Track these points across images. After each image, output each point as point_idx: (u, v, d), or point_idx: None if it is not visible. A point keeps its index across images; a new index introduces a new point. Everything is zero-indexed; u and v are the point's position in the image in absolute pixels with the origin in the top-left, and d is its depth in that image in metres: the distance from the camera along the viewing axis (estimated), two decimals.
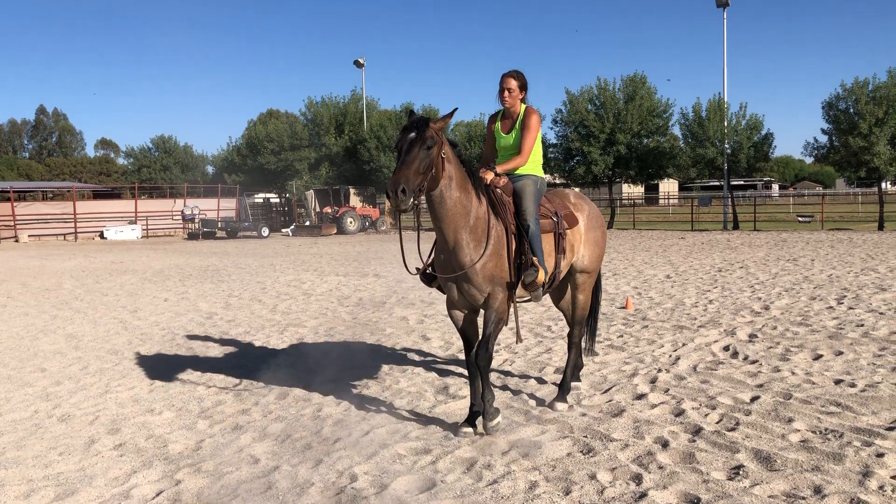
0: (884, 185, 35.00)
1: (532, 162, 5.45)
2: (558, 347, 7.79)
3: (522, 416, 5.48)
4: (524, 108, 5.45)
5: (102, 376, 7.11)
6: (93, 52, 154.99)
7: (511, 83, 5.37)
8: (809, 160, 43.83)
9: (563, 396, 5.77)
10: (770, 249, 20.55)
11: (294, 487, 4.29)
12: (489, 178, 5.10)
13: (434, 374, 6.88)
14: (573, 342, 6.07)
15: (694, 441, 4.83)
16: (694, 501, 3.93)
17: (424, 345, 8.21)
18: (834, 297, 10.80)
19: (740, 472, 4.27)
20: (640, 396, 5.91)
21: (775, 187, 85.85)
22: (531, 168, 5.46)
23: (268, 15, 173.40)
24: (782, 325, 8.73)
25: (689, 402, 5.68)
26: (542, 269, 5.12)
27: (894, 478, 4.14)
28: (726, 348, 7.61)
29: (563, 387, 5.85)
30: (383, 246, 27.02)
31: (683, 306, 10.45)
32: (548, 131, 39.01)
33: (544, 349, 7.78)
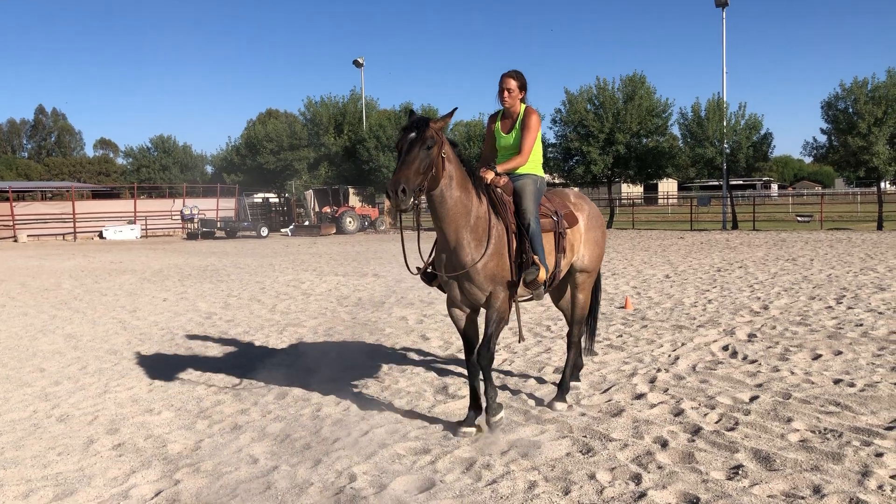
0: (883, 184, 35.01)
1: (532, 161, 5.46)
2: (557, 347, 7.79)
3: (522, 416, 5.48)
4: (524, 107, 5.46)
5: (101, 376, 7.10)
6: (92, 52, 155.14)
7: (510, 83, 5.38)
8: (808, 160, 43.97)
9: (562, 396, 5.77)
10: (769, 249, 20.56)
11: (293, 487, 4.29)
12: (489, 177, 5.10)
13: (433, 373, 6.88)
14: (572, 341, 6.07)
15: (693, 441, 4.83)
16: (693, 501, 3.93)
17: (424, 344, 8.21)
18: (833, 297, 10.81)
19: (739, 472, 4.27)
20: (640, 396, 5.91)
21: (774, 187, 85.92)
22: (531, 167, 5.46)
23: (267, 14, 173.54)
24: (781, 325, 8.73)
25: (688, 402, 5.68)
26: (543, 268, 5.12)
27: (893, 477, 4.15)
28: (725, 348, 7.61)
29: (563, 386, 5.86)
30: (382, 246, 27.01)
31: (682, 306, 10.45)
32: (547, 131, 39.04)
33: (543, 349, 7.78)
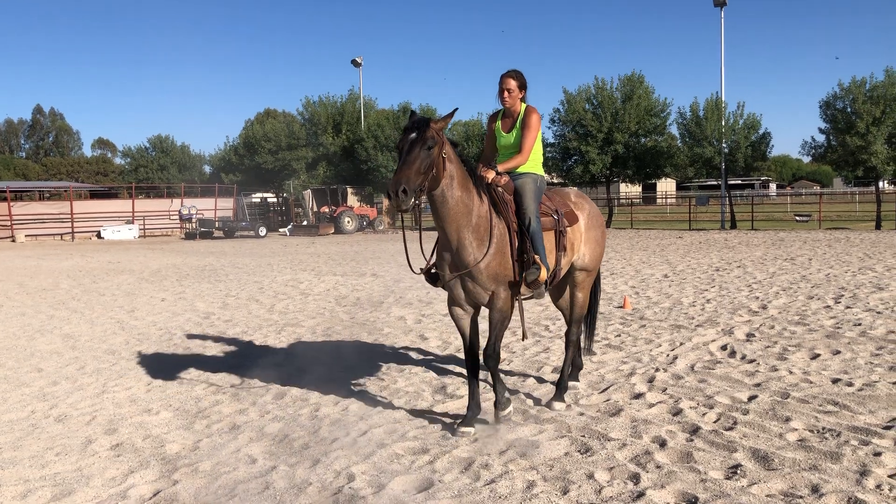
0: (881, 184, 35.06)
1: (532, 160, 5.47)
2: (556, 347, 7.79)
3: (520, 416, 5.48)
4: (524, 107, 5.47)
5: (99, 376, 7.09)
6: (90, 52, 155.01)
7: (510, 83, 5.38)
8: (807, 159, 43.98)
9: (560, 396, 5.77)
10: (768, 249, 20.57)
11: (291, 487, 4.28)
12: (490, 176, 5.10)
13: (432, 373, 6.88)
14: (571, 340, 6.07)
15: (692, 440, 4.83)
16: (692, 501, 3.93)
17: (422, 344, 8.21)
18: (831, 297, 10.82)
19: (738, 472, 4.27)
20: (638, 396, 5.91)
21: (773, 186, 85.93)
22: (531, 166, 5.47)
23: (265, 14, 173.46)
24: (780, 325, 8.74)
25: (686, 402, 5.68)
26: (544, 267, 5.12)
27: (892, 476, 4.15)
28: (724, 347, 7.62)
29: (561, 386, 5.85)
30: (381, 245, 27.00)
31: (681, 305, 10.46)
32: (545, 131, 39.06)
33: (542, 348, 7.78)
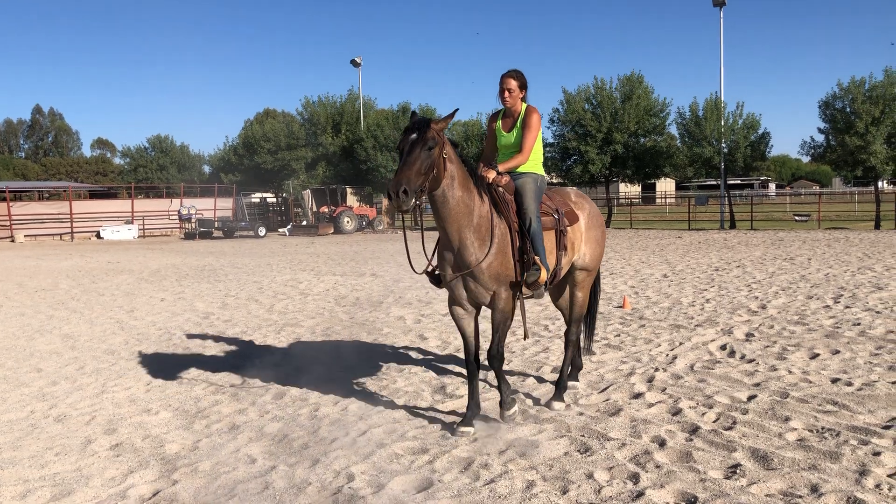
0: (880, 183, 35.08)
1: (532, 160, 5.47)
2: (555, 346, 7.79)
3: (520, 416, 5.47)
4: (525, 106, 5.47)
5: (99, 376, 7.09)
6: (90, 52, 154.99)
7: (511, 83, 5.39)
8: (806, 159, 43.96)
9: (560, 395, 5.78)
10: (767, 248, 20.58)
11: (291, 487, 4.28)
12: (491, 176, 5.11)
13: (431, 373, 6.88)
14: (570, 340, 6.07)
15: (691, 440, 4.83)
16: (691, 500, 3.93)
17: (422, 344, 8.21)
18: (831, 296, 10.82)
19: (737, 471, 4.27)
20: (638, 395, 5.91)
21: (772, 186, 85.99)
22: (531, 166, 5.47)
23: (265, 14, 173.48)
24: (779, 324, 8.74)
25: (686, 402, 5.68)
26: (544, 268, 5.12)
27: (891, 476, 4.15)
28: (723, 347, 7.62)
29: (560, 386, 5.85)
30: (380, 245, 27.00)
31: (680, 305, 10.46)
32: (545, 131, 38.96)
33: (541, 348, 7.78)
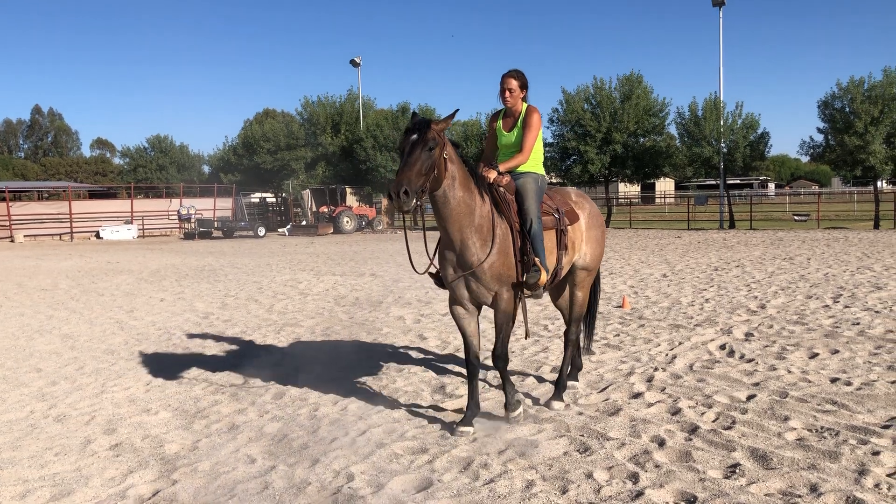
0: (879, 183, 35.10)
1: (533, 160, 5.48)
2: (555, 346, 7.79)
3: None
4: (525, 106, 5.48)
5: (98, 376, 7.09)
6: (89, 52, 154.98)
7: (511, 83, 5.39)
8: (805, 159, 43.97)
9: (559, 395, 5.78)
10: (766, 248, 20.59)
11: (290, 487, 4.28)
12: (492, 176, 5.11)
13: (431, 373, 6.88)
14: (570, 339, 6.07)
15: (690, 440, 4.84)
16: (690, 500, 3.94)
17: (421, 344, 8.21)
18: (830, 296, 10.83)
19: (737, 471, 4.27)
20: (637, 395, 5.92)
21: (771, 186, 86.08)
22: (532, 166, 5.48)
23: (264, 14, 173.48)
24: (778, 324, 8.74)
25: (685, 401, 5.68)
26: (544, 270, 5.12)
27: (890, 475, 4.15)
28: (723, 347, 7.62)
29: (560, 385, 5.85)
30: (380, 245, 27.01)
31: (680, 305, 10.46)
32: (544, 130, 38.53)
33: (541, 348, 7.79)
